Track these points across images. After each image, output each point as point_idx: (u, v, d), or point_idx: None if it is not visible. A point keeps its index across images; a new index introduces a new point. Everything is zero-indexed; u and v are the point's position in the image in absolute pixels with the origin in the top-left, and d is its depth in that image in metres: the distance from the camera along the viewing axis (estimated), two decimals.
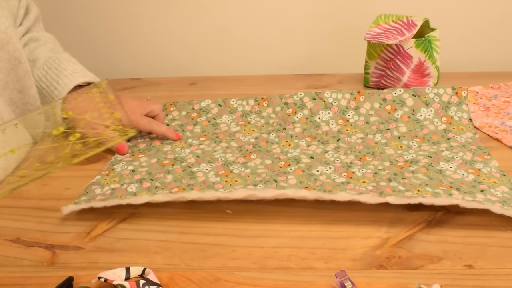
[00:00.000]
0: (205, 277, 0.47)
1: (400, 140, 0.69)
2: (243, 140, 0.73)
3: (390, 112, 0.74)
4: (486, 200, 0.53)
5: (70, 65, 0.76)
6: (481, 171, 0.60)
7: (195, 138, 0.75)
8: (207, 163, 0.67)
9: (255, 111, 0.80)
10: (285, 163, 0.65)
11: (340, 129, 0.73)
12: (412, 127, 0.72)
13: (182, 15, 1.09)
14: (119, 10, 1.10)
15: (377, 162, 0.64)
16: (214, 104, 0.82)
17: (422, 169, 0.60)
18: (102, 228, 0.56)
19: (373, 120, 0.74)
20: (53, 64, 0.75)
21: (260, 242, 0.52)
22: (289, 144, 0.70)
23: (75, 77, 0.75)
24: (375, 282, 0.45)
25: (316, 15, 1.06)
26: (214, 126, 0.78)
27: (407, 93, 0.76)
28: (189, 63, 1.13)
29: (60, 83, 0.74)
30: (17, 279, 0.48)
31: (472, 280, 0.45)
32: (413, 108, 0.74)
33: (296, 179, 0.61)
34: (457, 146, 0.66)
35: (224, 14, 1.08)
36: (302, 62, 1.10)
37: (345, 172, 0.62)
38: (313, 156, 0.67)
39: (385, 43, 0.86)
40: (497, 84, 0.88)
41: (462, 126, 0.71)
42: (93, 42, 1.14)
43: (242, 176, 0.63)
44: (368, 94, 0.77)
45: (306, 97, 0.78)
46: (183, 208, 0.59)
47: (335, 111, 0.76)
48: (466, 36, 1.04)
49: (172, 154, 0.70)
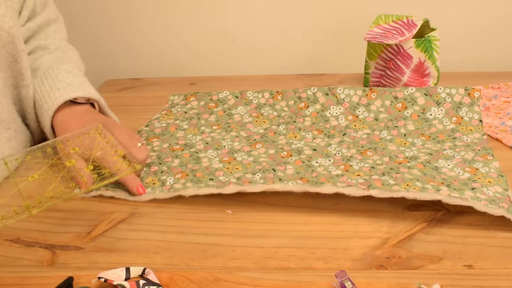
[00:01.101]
0: (205, 277, 0.47)
1: (405, 138, 0.69)
2: (253, 130, 0.75)
3: (400, 110, 0.75)
4: (473, 198, 0.53)
5: (69, 77, 0.71)
6: (478, 170, 0.59)
7: (208, 126, 0.78)
8: (214, 150, 0.69)
9: (269, 104, 0.82)
10: (287, 154, 0.67)
11: (348, 124, 0.74)
12: (420, 126, 0.72)
13: (183, 15, 1.09)
14: (119, 10, 1.10)
15: (377, 157, 0.65)
16: (231, 95, 0.85)
17: (419, 165, 0.61)
18: (102, 228, 0.56)
19: (382, 117, 0.75)
20: (51, 75, 0.71)
21: (260, 242, 0.52)
22: (295, 136, 0.72)
23: (67, 91, 0.68)
24: (375, 282, 0.45)
25: (316, 16, 1.06)
26: (228, 116, 0.81)
27: (419, 92, 0.75)
28: (189, 63, 1.13)
29: (51, 97, 0.68)
30: (17, 279, 0.48)
31: (472, 280, 0.45)
32: (424, 107, 0.74)
33: (294, 169, 0.63)
34: (461, 145, 0.66)
35: (224, 14, 1.08)
36: (302, 62, 1.10)
37: (343, 165, 0.63)
38: (316, 148, 0.68)
39: (385, 43, 0.86)
40: (497, 84, 0.88)
41: (471, 127, 0.71)
42: (93, 42, 1.14)
43: (243, 163, 0.65)
44: (380, 92, 0.77)
45: (319, 92, 0.79)
46: (183, 208, 0.59)
47: (346, 107, 0.77)
48: (466, 36, 1.04)
49: (184, 140, 0.73)
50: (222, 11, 1.08)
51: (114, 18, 1.11)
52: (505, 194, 0.55)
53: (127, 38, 1.13)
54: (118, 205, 0.60)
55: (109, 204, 0.60)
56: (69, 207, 0.60)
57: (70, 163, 0.59)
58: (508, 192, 0.55)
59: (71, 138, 0.62)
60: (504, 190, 0.56)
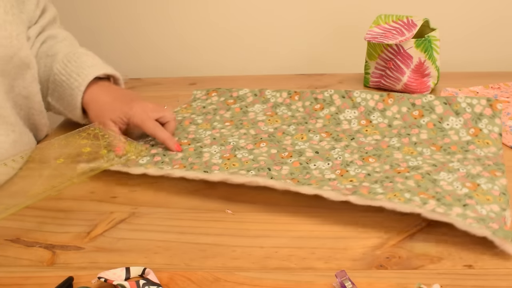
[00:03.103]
0: (205, 277, 0.47)
1: (415, 146, 0.67)
2: (263, 129, 0.75)
3: (417, 117, 0.72)
4: (459, 215, 0.50)
5: (89, 59, 0.78)
6: (479, 186, 0.56)
7: (220, 122, 0.78)
8: (219, 145, 0.70)
9: (286, 103, 0.81)
10: (288, 154, 0.66)
11: (360, 129, 0.73)
12: (434, 135, 0.69)
13: (183, 15, 1.09)
14: (119, 9, 1.10)
15: (378, 164, 0.63)
16: (250, 93, 0.85)
17: (418, 176, 0.58)
18: (102, 228, 0.56)
19: (396, 124, 0.72)
20: (72, 58, 0.77)
21: (260, 242, 0.52)
22: (302, 137, 0.71)
23: (94, 69, 0.76)
24: (375, 282, 0.45)
25: (316, 15, 1.06)
26: (243, 114, 0.81)
27: (438, 100, 0.72)
28: (189, 63, 1.13)
29: (80, 75, 0.74)
30: (17, 279, 0.48)
31: (472, 280, 0.45)
32: (442, 116, 0.71)
33: (289, 170, 0.62)
34: (471, 159, 0.63)
35: (224, 14, 1.08)
36: (302, 62, 1.10)
37: (339, 170, 0.62)
38: (319, 151, 0.67)
39: (385, 43, 0.86)
40: (497, 84, 0.88)
41: (488, 140, 0.67)
42: (93, 42, 1.14)
43: (242, 161, 0.65)
44: (398, 97, 0.75)
45: (336, 94, 0.79)
46: (183, 208, 0.59)
47: (361, 111, 0.76)
48: (466, 36, 1.04)
49: (194, 134, 0.74)
50: (222, 11, 1.08)
51: (114, 18, 1.11)
52: (501, 214, 0.52)
53: (127, 38, 1.13)
54: (118, 205, 0.60)
55: (109, 204, 0.61)
56: (69, 207, 0.60)
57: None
58: (505, 213, 0.52)
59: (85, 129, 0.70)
60: (501, 209, 0.52)
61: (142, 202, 0.61)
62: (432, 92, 0.90)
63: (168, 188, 0.63)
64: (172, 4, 1.08)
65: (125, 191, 0.63)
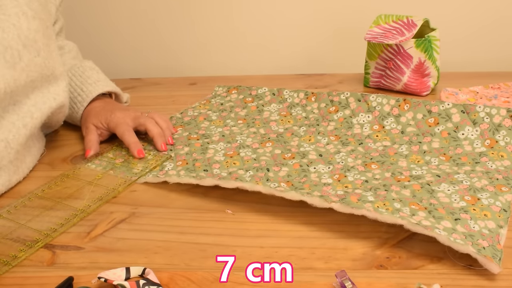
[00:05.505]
0: (205, 277, 0.47)
1: (423, 155, 0.65)
2: (273, 129, 0.75)
3: (431, 125, 0.70)
4: (446, 229, 0.48)
5: (94, 74, 0.80)
6: (479, 201, 0.53)
7: (234, 120, 0.79)
8: (225, 143, 0.70)
9: (302, 104, 0.81)
10: (291, 155, 0.66)
11: (370, 134, 0.71)
12: (446, 145, 0.66)
13: (183, 15, 1.09)
14: (119, 9, 1.10)
15: (379, 171, 0.61)
16: (269, 92, 0.86)
17: (417, 185, 0.56)
18: (102, 228, 0.56)
19: (409, 131, 0.70)
20: (77, 72, 0.79)
21: (260, 242, 0.52)
22: (310, 139, 0.71)
23: (98, 85, 0.78)
24: (375, 282, 0.45)
25: (316, 15, 1.06)
26: (258, 112, 0.82)
27: (455, 108, 0.69)
28: (189, 63, 1.14)
29: (84, 90, 0.77)
30: (17, 279, 0.48)
31: (472, 280, 0.45)
32: (458, 125, 0.68)
33: (287, 172, 0.62)
34: (479, 171, 0.60)
35: (224, 14, 1.08)
36: (302, 62, 1.10)
37: (338, 174, 0.61)
38: (323, 154, 0.66)
39: (385, 43, 0.86)
40: (497, 84, 0.88)
41: (503, 153, 0.63)
42: (93, 42, 1.14)
43: (244, 160, 0.65)
44: (414, 103, 0.73)
45: (352, 97, 0.78)
46: (183, 208, 0.59)
47: (376, 116, 0.74)
48: (466, 36, 1.04)
49: (205, 130, 0.75)
50: (222, 11, 1.08)
51: (114, 18, 1.11)
52: (496, 231, 0.49)
53: (128, 38, 1.13)
54: (118, 205, 0.60)
55: (109, 204, 0.61)
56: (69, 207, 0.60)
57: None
58: (502, 230, 0.50)
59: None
60: (497, 227, 0.50)
61: (142, 202, 0.61)
62: (432, 92, 0.90)
63: (168, 188, 0.63)
64: (172, 5, 1.08)
65: (125, 191, 0.63)
